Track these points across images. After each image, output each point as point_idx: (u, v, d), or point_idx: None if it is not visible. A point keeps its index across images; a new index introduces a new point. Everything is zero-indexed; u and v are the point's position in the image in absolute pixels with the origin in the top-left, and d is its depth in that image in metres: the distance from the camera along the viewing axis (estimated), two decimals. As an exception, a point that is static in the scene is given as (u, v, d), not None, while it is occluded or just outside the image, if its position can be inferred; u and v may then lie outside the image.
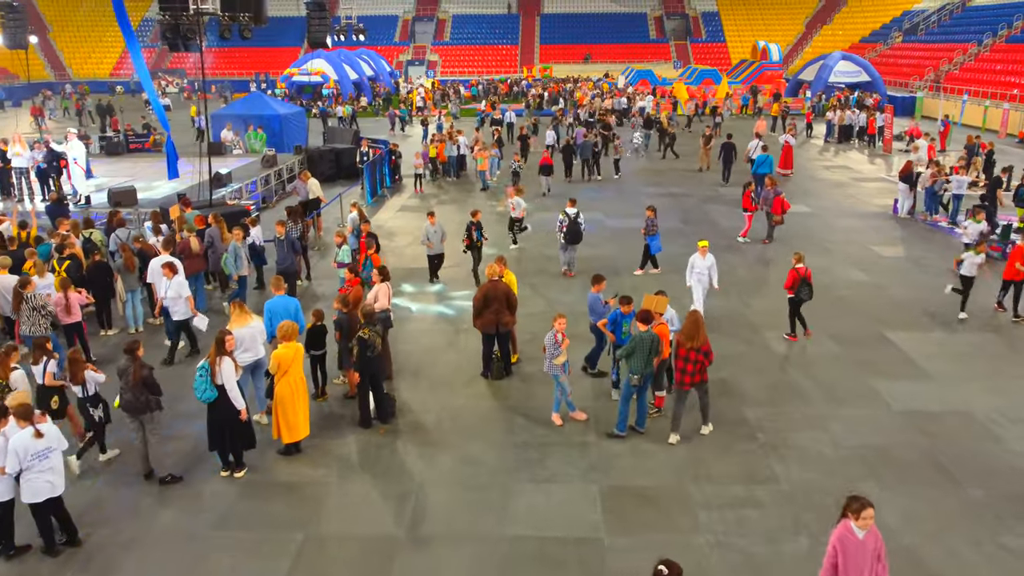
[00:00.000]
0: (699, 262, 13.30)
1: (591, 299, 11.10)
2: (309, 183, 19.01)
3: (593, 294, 11.08)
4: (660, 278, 15.98)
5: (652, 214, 16.07)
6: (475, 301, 11.15)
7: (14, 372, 8.78)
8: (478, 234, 15.53)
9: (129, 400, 8.63)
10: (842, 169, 28.71)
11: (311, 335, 10.44)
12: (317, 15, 25.67)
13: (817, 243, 18.65)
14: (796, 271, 12.52)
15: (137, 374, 8.58)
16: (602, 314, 10.93)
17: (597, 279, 11.19)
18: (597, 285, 11.11)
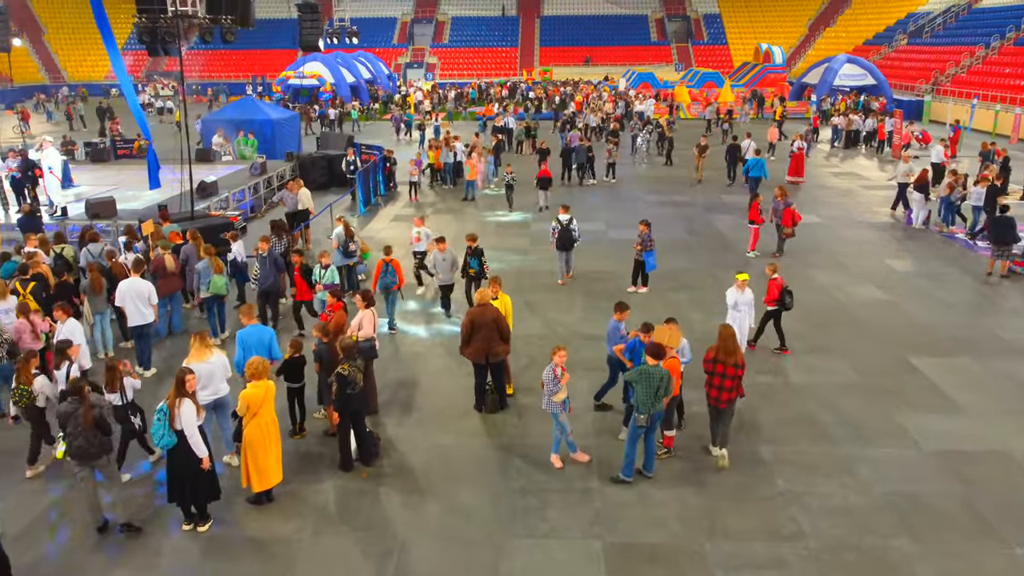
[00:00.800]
0: (738, 297, 11.69)
1: (611, 327, 10.22)
2: (299, 193, 18.13)
3: (614, 322, 10.20)
4: (661, 296, 15.09)
5: (646, 229, 14.99)
6: (462, 328, 10.27)
7: (38, 378, 8.83)
8: (475, 263, 13.74)
9: (81, 447, 7.74)
10: (850, 176, 27.85)
11: (288, 367, 9.56)
12: (308, 17, 24.81)
13: (828, 256, 17.78)
14: (776, 282, 12.12)
15: (88, 416, 7.70)
16: (619, 342, 10.07)
17: (621, 307, 10.28)
18: (620, 313, 10.21)
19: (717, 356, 9.01)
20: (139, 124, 17.91)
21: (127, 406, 8.80)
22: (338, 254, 14.53)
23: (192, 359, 8.70)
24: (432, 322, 14.04)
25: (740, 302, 11.72)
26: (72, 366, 8.97)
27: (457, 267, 13.82)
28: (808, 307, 14.44)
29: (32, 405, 8.91)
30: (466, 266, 13.72)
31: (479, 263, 13.68)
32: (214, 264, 12.38)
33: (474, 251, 13.70)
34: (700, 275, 16.48)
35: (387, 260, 13.27)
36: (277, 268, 12.98)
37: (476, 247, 13.68)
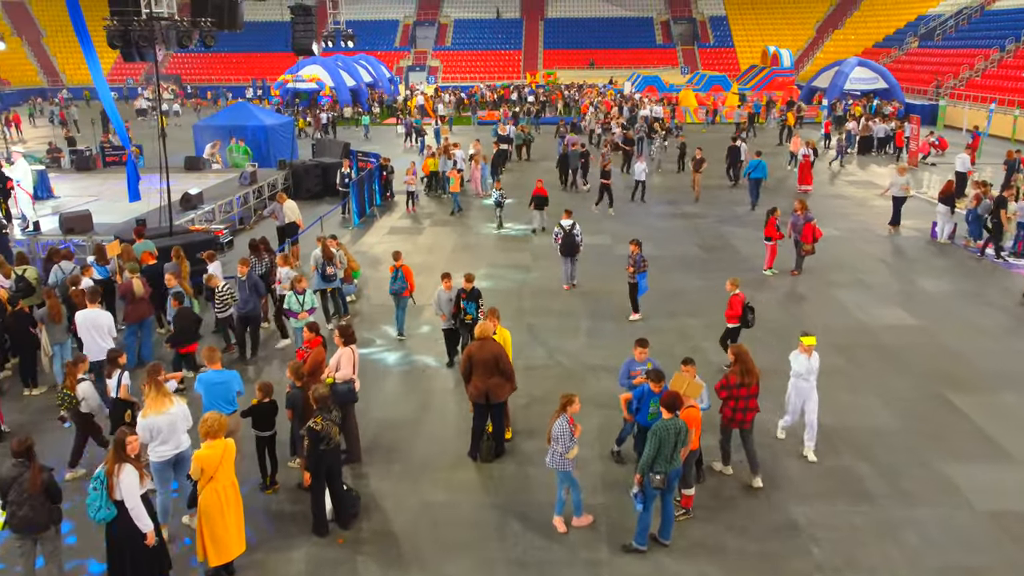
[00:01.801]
0: (802, 364, 9.46)
1: (626, 365, 9.10)
2: (285, 206, 17.07)
3: (630, 360, 9.10)
4: (671, 320, 13.97)
5: (637, 249, 13.67)
6: (460, 365, 9.22)
7: (81, 384, 8.74)
8: (472, 308, 11.40)
9: (27, 516, 6.69)
10: (866, 185, 26.69)
11: (257, 413, 8.48)
12: (302, 20, 23.77)
13: (850, 273, 16.65)
14: (739, 297, 11.61)
15: (36, 481, 6.67)
16: (628, 385, 8.99)
17: (641, 343, 9.15)
18: (640, 349, 9.08)
19: (743, 380, 8.68)
20: (117, 132, 16.87)
21: None
22: (317, 277, 13.45)
23: (149, 410, 7.64)
24: (421, 352, 12.94)
25: (807, 371, 9.43)
26: (124, 374, 8.80)
27: None
28: (832, 331, 13.33)
29: (76, 409, 8.85)
30: (460, 311, 11.50)
31: (476, 308, 11.40)
32: (187, 288, 11.32)
33: (470, 294, 11.47)
34: (714, 295, 15.32)
35: (397, 266, 12.94)
36: (258, 292, 11.91)
37: (473, 289, 11.52)
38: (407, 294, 13.09)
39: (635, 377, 8.95)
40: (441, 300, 11.60)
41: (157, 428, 7.54)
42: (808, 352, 9.46)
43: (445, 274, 11.78)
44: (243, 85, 67.91)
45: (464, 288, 11.47)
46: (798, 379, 9.53)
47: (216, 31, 16.08)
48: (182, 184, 22.05)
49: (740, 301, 11.59)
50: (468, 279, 11.51)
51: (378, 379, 11.73)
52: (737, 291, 11.68)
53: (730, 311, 11.75)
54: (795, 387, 9.60)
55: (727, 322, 11.90)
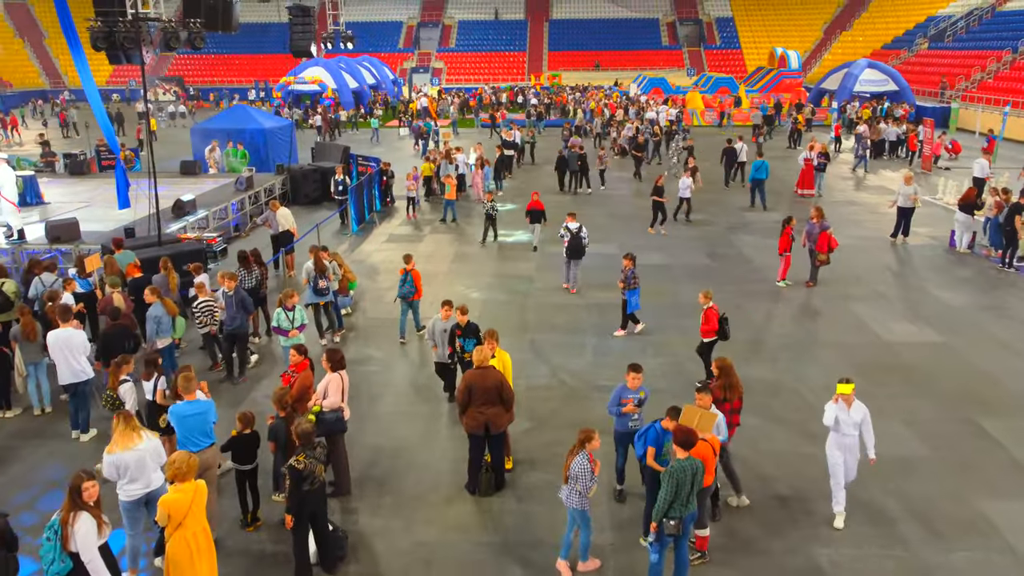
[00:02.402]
0: (842, 415, 7.97)
1: (617, 392, 8.44)
2: (279, 213, 16.46)
3: (622, 387, 8.41)
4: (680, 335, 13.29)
5: (631, 264, 13.00)
6: (458, 394, 8.55)
7: (123, 385, 8.67)
8: (470, 346, 10.06)
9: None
10: (879, 190, 25.96)
11: (237, 446, 7.85)
12: (300, 21, 23.15)
13: (867, 285, 15.95)
14: (714, 310, 11.12)
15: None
16: (616, 413, 8.34)
17: (635, 368, 8.39)
18: (633, 375, 8.35)
19: (725, 396, 8.22)
20: (106, 136, 16.26)
21: None
22: (309, 291, 12.82)
23: (115, 445, 7.01)
24: (417, 372, 12.29)
25: (842, 422, 7.96)
26: (160, 378, 8.69)
27: None
28: (850, 349, 12.66)
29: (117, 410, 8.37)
30: (457, 350, 10.26)
31: (475, 344, 9.89)
32: (168, 306, 10.67)
33: (467, 329, 10.24)
34: (726, 308, 14.51)
35: (407, 269, 12.88)
36: (245, 308, 11.28)
37: (469, 324, 10.29)
38: (416, 298, 13.08)
39: (625, 405, 8.30)
40: (436, 330, 10.60)
41: (125, 465, 6.91)
42: (848, 401, 7.94)
43: (446, 302, 10.72)
44: (246, 87, 67.51)
45: (459, 323, 10.24)
46: (837, 432, 8.00)
47: (205, 32, 15.43)
48: (177, 190, 21.52)
49: (715, 314, 11.09)
50: (463, 311, 10.32)
51: (373, 400, 11.09)
52: (711, 303, 11.17)
53: (706, 325, 11.20)
54: (838, 444, 8.01)
55: (703, 336, 11.33)
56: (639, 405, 8.33)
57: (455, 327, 10.24)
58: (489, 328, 9.33)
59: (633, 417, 8.30)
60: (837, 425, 7.98)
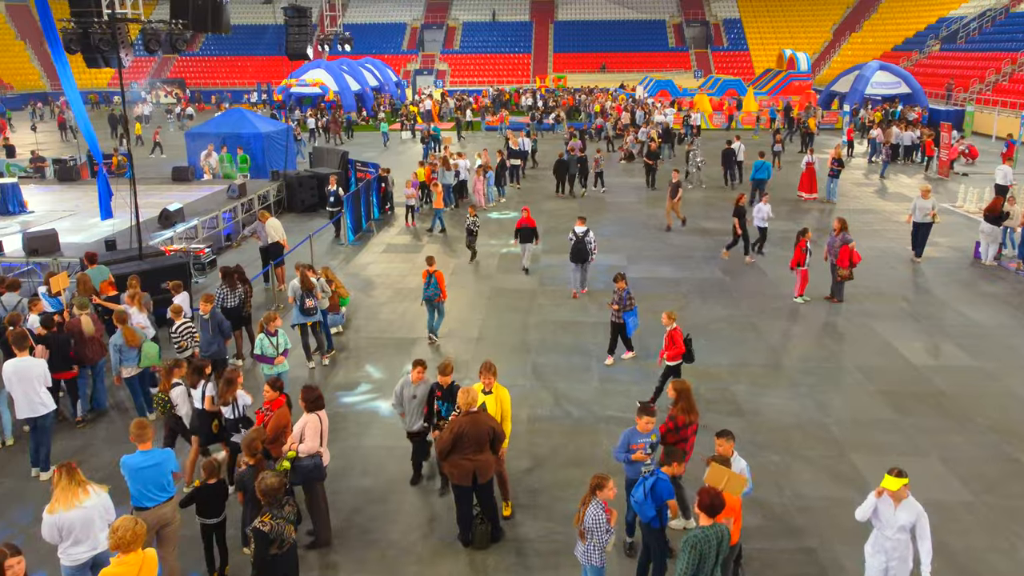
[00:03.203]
0: (886, 514, 6.37)
1: (625, 436, 7.57)
2: (268, 224, 15.63)
3: (631, 430, 7.55)
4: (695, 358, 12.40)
5: (624, 285, 11.93)
6: (440, 440, 7.57)
7: (175, 388, 8.62)
8: (445, 408, 8.50)
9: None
10: (896, 198, 25.01)
11: (201, 498, 7.00)
12: (296, 23, 22.35)
13: (889, 301, 15.04)
14: (678, 332, 10.38)
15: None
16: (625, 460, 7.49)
17: (647, 411, 7.50)
18: (645, 418, 7.47)
19: (689, 419, 7.85)
20: (88, 142, 15.48)
21: (239, 420, 8.31)
22: (296, 311, 11.99)
23: (57, 503, 6.16)
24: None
25: (887, 523, 6.34)
26: (207, 385, 8.56)
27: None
28: (876, 374, 11.76)
29: (172, 413, 8.72)
30: (434, 412, 8.60)
31: (450, 409, 8.41)
32: (127, 335, 9.82)
33: (447, 392, 8.50)
34: (740, 327, 13.79)
35: (430, 271, 12.73)
36: (222, 333, 10.44)
37: (451, 385, 8.51)
38: (441, 300, 12.95)
39: (635, 451, 7.43)
40: (404, 395, 8.59)
41: (68, 526, 6.08)
42: (895, 497, 6.30)
43: (417, 362, 8.62)
44: (248, 89, 66.90)
45: (440, 384, 8.50)
46: (881, 535, 6.43)
47: (190, 34, 14.62)
48: (167, 197, 20.73)
49: (681, 335, 10.37)
50: (444, 372, 8.44)
51: (360, 433, 10.24)
52: (675, 324, 10.44)
53: (673, 349, 10.34)
54: (879, 547, 6.44)
55: (668, 360, 10.46)
56: (651, 451, 7.46)
57: (435, 387, 8.56)
58: (485, 360, 8.43)
59: (646, 463, 7.44)
60: (879, 522, 6.41)
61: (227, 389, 8.23)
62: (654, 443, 7.49)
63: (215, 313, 10.38)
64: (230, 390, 8.23)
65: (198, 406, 8.55)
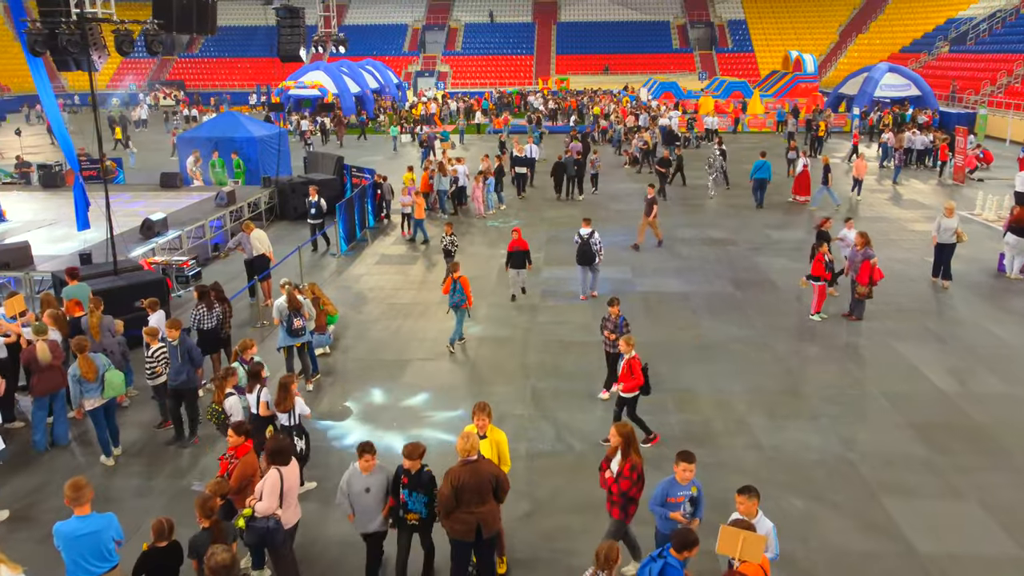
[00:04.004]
0: None
1: (662, 488, 6.68)
2: (252, 236, 14.79)
3: (670, 481, 6.67)
4: (706, 383, 11.51)
5: (618, 311, 10.79)
6: (440, 495, 6.68)
7: (229, 398, 8.53)
8: (418, 504, 6.81)
9: None
10: (911, 205, 24.10)
11: (151, 566, 6.13)
12: (288, 23, 21.55)
13: (913, 320, 14.12)
14: (637, 360, 9.38)
15: None
16: (662, 516, 6.62)
17: (686, 457, 6.52)
18: (684, 465, 6.50)
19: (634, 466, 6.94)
20: (63, 149, 14.65)
21: (294, 428, 8.28)
22: (282, 332, 11.15)
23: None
24: (409, 426, 10.58)
25: None
26: (263, 391, 8.52)
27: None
28: (904, 402, 10.87)
29: (224, 424, 8.48)
30: (400, 505, 6.83)
31: (428, 503, 6.83)
32: (83, 366, 8.96)
33: (415, 479, 6.76)
34: (754, 348, 12.90)
35: (455, 277, 12.53)
36: (192, 361, 9.58)
37: (421, 471, 6.77)
38: (466, 307, 12.78)
39: (674, 507, 6.56)
40: (352, 489, 6.86)
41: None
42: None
43: (364, 447, 6.85)
44: (247, 91, 66.18)
45: (407, 469, 6.73)
46: None
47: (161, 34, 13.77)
48: (153, 205, 19.92)
49: (640, 365, 9.38)
50: (411, 455, 6.66)
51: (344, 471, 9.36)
52: (633, 352, 9.41)
53: (632, 380, 9.34)
54: None
55: (624, 392, 9.48)
56: (692, 507, 6.58)
57: (399, 472, 6.82)
58: (479, 401, 7.55)
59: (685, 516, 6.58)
60: None
61: (284, 396, 8.22)
62: (695, 497, 6.59)
63: (184, 339, 9.53)
64: (288, 397, 8.22)
65: (253, 411, 8.47)
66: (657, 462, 8.87)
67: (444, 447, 9.62)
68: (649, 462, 7.83)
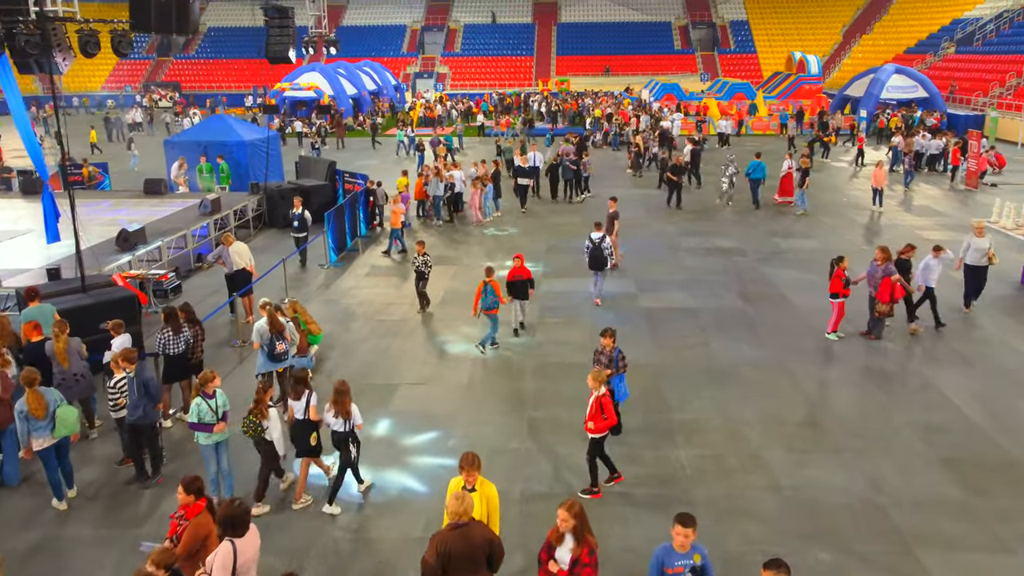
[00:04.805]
0: None
1: (657, 558, 5.75)
2: (232, 249, 13.91)
3: (665, 548, 5.74)
4: (718, 412, 10.61)
5: (612, 343, 9.54)
6: (424, 565, 5.80)
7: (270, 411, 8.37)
8: None
9: None
10: (924, 211, 23.21)
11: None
12: (277, 23, 20.71)
13: (940, 341, 13.16)
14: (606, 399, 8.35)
15: None
16: None
17: (684, 520, 5.63)
18: (683, 530, 5.60)
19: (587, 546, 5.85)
20: (31, 156, 13.78)
21: (348, 434, 8.34)
22: (262, 357, 10.29)
23: None
24: (398, 466, 9.70)
25: None
26: (311, 395, 8.52)
27: None
28: (935, 436, 9.97)
29: (262, 438, 8.34)
30: None
31: None
32: (31, 402, 8.08)
33: None
34: (769, 372, 12.01)
35: (487, 281, 12.45)
36: (149, 395, 8.68)
37: None
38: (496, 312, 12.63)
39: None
40: None
41: None
42: None
43: None
44: (244, 93, 65.34)
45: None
46: None
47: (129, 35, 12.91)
48: (134, 214, 19.05)
49: (612, 403, 8.49)
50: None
51: (317, 515, 8.49)
52: (603, 389, 8.40)
53: (602, 421, 8.33)
54: None
55: (593, 433, 8.46)
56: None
57: None
58: (466, 452, 6.64)
59: None
60: None
61: (341, 402, 8.20)
62: (699, 567, 5.70)
63: (140, 371, 8.62)
64: (344, 403, 8.19)
65: (301, 416, 8.46)
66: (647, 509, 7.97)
67: (421, 499, 8.75)
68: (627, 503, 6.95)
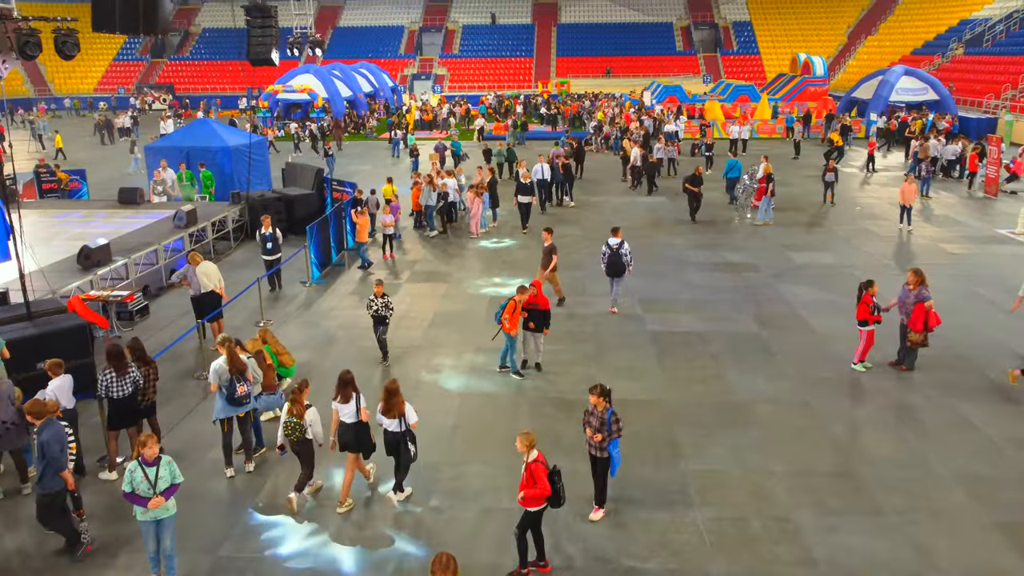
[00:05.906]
0: None
1: None
2: (199, 270, 12.71)
3: None
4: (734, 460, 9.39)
5: (604, 403, 7.99)
6: None
7: (309, 409, 8.40)
8: None
9: None
10: (946, 222, 21.96)
11: None
12: (259, 24, 19.51)
13: (975, 373, 11.83)
14: (541, 467, 7.20)
15: None
16: None
17: None
18: None
19: None
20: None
21: (404, 433, 8.34)
22: (220, 401, 9.07)
23: None
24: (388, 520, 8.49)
25: None
26: (360, 397, 8.45)
27: None
28: (985, 491, 8.74)
29: (303, 439, 8.36)
30: None
31: None
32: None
33: None
34: (791, 409, 10.79)
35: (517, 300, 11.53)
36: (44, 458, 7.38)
37: None
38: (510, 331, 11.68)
39: None
40: None
41: None
42: None
43: None
44: (238, 94, 64.20)
45: None
46: None
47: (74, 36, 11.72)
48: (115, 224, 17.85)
49: (544, 470, 7.19)
50: None
51: None
52: (536, 453, 7.24)
53: (534, 490, 7.14)
54: None
55: (527, 505, 7.28)
56: None
57: None
58: (439, 554, 5.39)
59: None
60: None
61: (393, 402, 8.23)
62: None
63: (44, 428, 7.32)
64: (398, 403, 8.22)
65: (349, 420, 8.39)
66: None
67: (408, 561, 7.54)
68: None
